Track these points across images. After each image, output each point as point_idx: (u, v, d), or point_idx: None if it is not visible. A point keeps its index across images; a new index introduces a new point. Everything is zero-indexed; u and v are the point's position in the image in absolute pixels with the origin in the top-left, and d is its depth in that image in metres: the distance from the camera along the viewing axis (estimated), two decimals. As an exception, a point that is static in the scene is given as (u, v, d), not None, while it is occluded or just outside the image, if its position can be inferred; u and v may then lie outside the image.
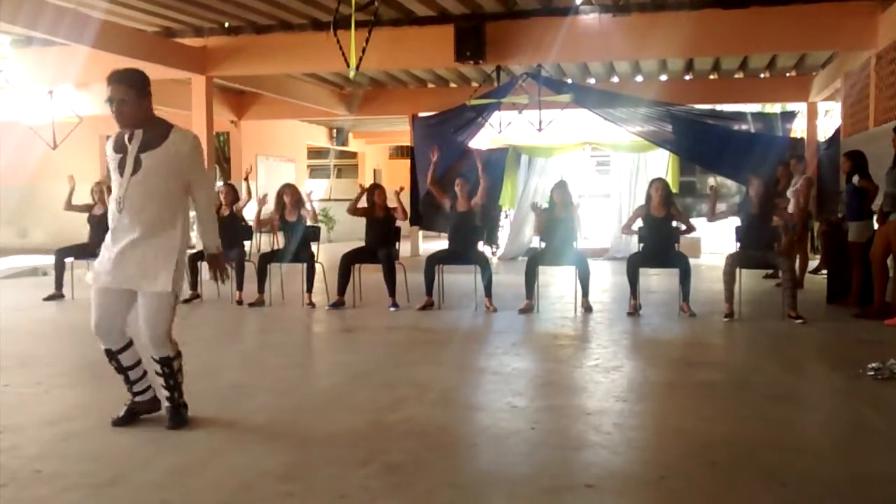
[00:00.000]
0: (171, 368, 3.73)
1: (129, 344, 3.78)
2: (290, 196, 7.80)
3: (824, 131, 13.56)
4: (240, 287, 7.83)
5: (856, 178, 6.97)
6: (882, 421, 3.87)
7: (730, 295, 6.71)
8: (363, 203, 7.83)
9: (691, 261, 7.24)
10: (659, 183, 7.25)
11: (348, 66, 7.73)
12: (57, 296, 8.15)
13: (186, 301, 7.90)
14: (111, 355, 3.75)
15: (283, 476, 3.05)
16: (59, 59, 9.74)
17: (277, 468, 3.13)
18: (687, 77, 12.53)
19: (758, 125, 10.36)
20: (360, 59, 7.62)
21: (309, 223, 7.82)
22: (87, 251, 8.30)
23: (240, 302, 7.75)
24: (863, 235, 6.91)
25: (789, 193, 9.12)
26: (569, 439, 3.56)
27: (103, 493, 2.91)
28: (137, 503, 2.83)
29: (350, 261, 7.56)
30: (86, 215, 8.44)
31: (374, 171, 21.81)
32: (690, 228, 7.27)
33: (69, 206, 8.57)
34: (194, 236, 6.42)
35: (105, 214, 8.11)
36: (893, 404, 4.17)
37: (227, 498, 2.84)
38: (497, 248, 13.20)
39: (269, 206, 7.94)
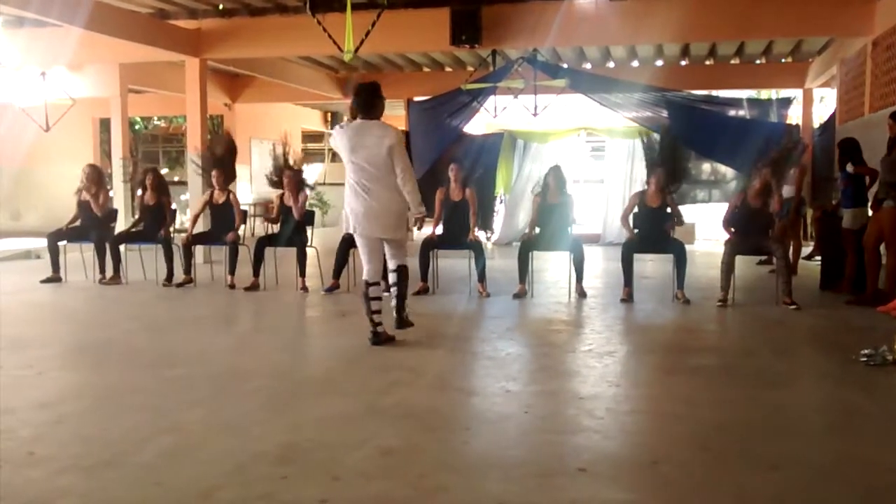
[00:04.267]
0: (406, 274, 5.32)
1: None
2: (290, 180, 7.77)
3: (820, 118, 13.56)
4: (232, 271, 7.81)
5: (848, 166, 6.98)
6: (874, 407, 3.89)
7: (726, 283, 6.71)
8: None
9: (686, 247, 7.24)
10: (658, 171, 7.23)
11: (341, 49, 7.69)
12: (54, 279, 8.13)
13: (179, 285, 7.90)
14: (367, 285, 5.19)
15: (278, 458, 3.06)
16: (51, 40, 9.65)
17: (272, 450, 3.14)
18: (683, 62, 12.51)
19: (754, 111, 10.34)
20: (362, 42, 7.59)
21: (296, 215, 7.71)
22: (78, 234, 8.28)
23: (232, 286, 7.74)
24: (857, 222, 6.93)
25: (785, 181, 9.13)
26: (562, 424, 3.57)
27: (97, 475, 2.91)
28: (131, 485, 2.83)
29: (349, 245, 7.53)
30: (76, 198, 8.37)
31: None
32: (680, 222, 7.23)
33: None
34: None
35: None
36: (885, 390, 4.20)
37: (221, 480, 2.85)
38: (491, 233, 13.20)
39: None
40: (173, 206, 8.51)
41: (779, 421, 3.65)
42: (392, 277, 5.34)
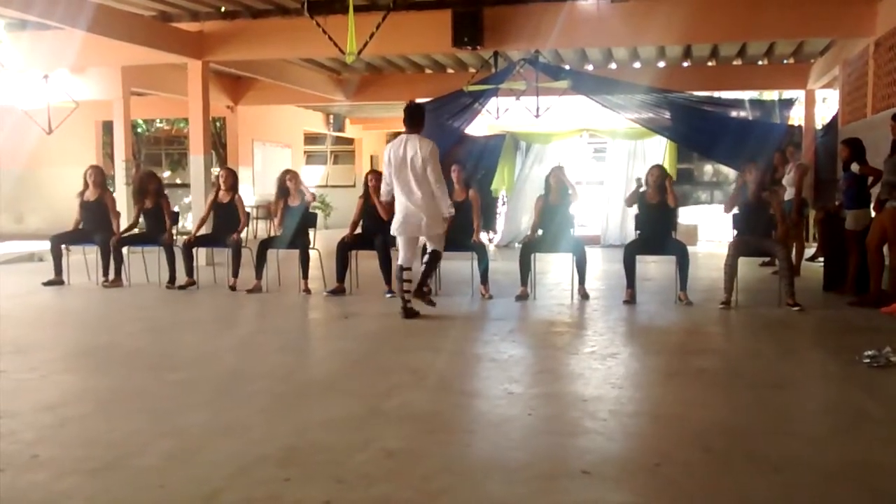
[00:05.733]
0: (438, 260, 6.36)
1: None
2: (293, 181, 7.78)
3: (822, 118, 13.54)
4: (235, 274, 7.82)
5: (854, 166, 6.97)
6: (877, 408, 3.88)
7: (729, 286, 6.70)
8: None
9: (689, 248, 7.23)
10: (655, 169, 7.24)
11: (342, 51, 7.70)
12: (56, 281, 8.14)
13: (182, 287, 7.91)
14: (402, 269, 6.17)
15: (281, 461, 3.06)
16: (54, 43, 9.68)
17: (275, 453, 3.14)
18: (685, 64, 12.50)
19: (756, 112, 10.35)
20: (366, 44, 7.60)
21: (309, 203, 7.81)
22: (81, 236, 8.30)
23: (233, 288, 7.75)
24: (860, 223, 6.91)
25: (785, 181, 9.13)
26: (565, 426, 3.57)
27: (100, 478, 2.91)
28: (134, 488, 2.83)
29: (347, 248, 7.54)
30: (77, 201, 8.37)
31: (371, 157, 21.75)
32: (675, 199, 7.15)
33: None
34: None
35: (95, 200, 8.14)
36: (889, 392, 4.19)
37: (224, 483, 2.85)
38: (494, 234, 13.20)
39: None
40: (175, 208, 8.52)
41: (782, 423, 3.64)
42: (425, 257, 6.37)
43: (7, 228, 14.51)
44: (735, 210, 7.15)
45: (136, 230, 8.52)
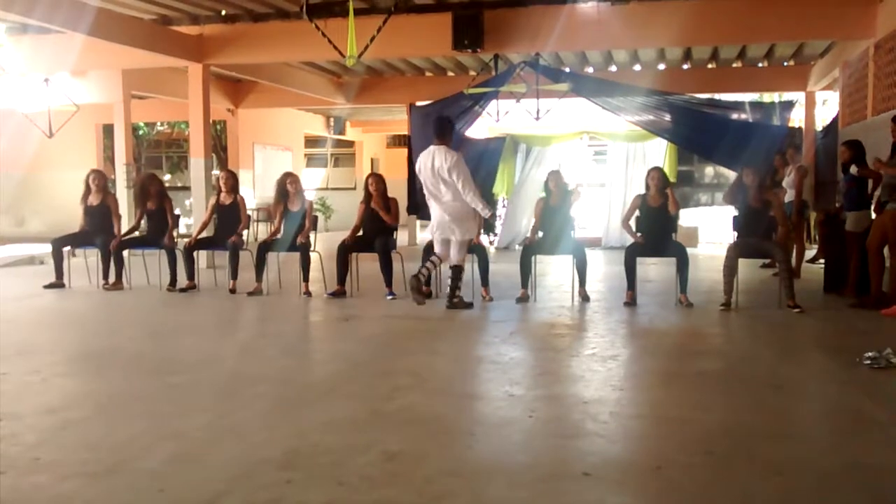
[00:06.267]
0: (459, 274, 6.76)
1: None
2: (293, 185, 7.79)
3: (822, 120, 13.55)
4: (234, 276, 7.82)
5: (853, 168, 6.97)
6: (878, 410, 3.88)
7: (729, 287, 6.70)
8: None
9: (689, 250, 7.24)
10: (655, 172, 7.24)
11: (342, 54, 7.71)
12: (57, 284, 8.15)
13: (183, 290, 7.92)
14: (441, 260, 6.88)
15: (282, 464, 3.06)
16: (55, 46, 9.70)
17: (276, 456, 3.14)
18: (685, 66, 12.51)
19: (756, 114, 10.33)
20: (366, 47, 7.61)
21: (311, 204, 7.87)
22: (83, 239, 8.31)
23: (233, 291, 7.75)
24: (861, 225, 6.91)
25: (785, 183, 9.13)
26: (566, 428, 3.57)
27: (102, 481, 2.91)
28: (136, 491, 2.83)
29: (347, 250, 7.55)
30: (82, 207, 8.38)
31: (372, 160, 21.78)
32: (676, 205, 7.16)
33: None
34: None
35: (98, 205, 8.15)
36: (890, 393, 4.19)
37: (226, 486, 2.85)
38: (494, 237, 13.20)
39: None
40: (176, 210, 8.53)
41: (783, 425, 3.65)
42: (449, 272, 6.93)
43: (8, 232, 14.51)
44: (735, 213, 7.16)
45: (136, 233, 8.52)
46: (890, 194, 6.31)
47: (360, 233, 7.69)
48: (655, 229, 7.17)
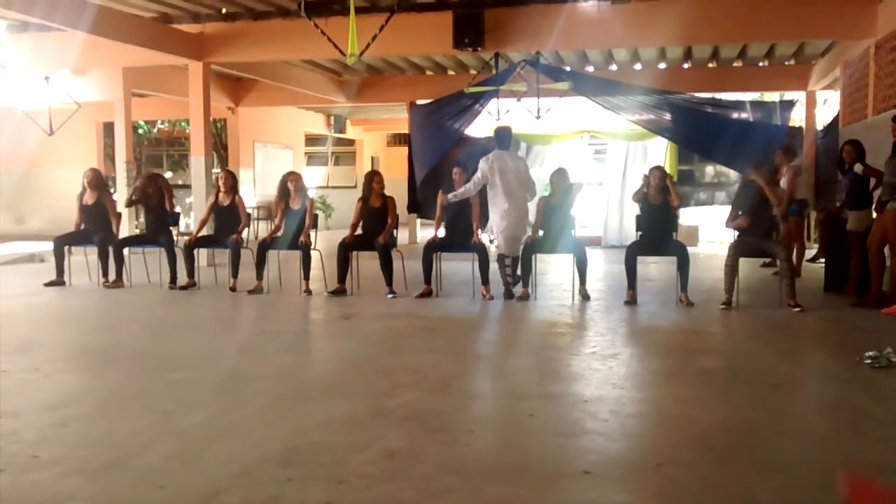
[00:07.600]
0: (517, 263, 7.21)
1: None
2: (294, 184, 7.79)
3: (823, 120, 13.55)
4: (234, 274, 7.82)
5: (857, 167, 6.96)
6: (878, 409, 3.88)
7: (730, 287, 6.70)
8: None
9: (689, 249, 7.23)
10: (656, 171, 7.24)
11: (342, 53, 7.71)
12: (58, 282, 8.15)
13: (183, 288, 7.92)
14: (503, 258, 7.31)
15: (283, 461, 3.06)
16: (55, 44, 9.70)
17: (276, 454, 3.14)
18: (686, 65, 12.51)
19: (756, 114, 10.34)
20: (368, 45, 7.61)
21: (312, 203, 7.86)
22: (84, 237, 8.31)
23: (233, 289, 7.75)
24: (862, 224, 6.91)
25: (783, 183, 9.12)
26: (566, 426, 3.57)
27: (101, 478, 2.91)
28: (136, 489, 2.83)
29: (347, 248, 7.55)
30: (77, 203, 8.38)
31: (372, 158, 21.78)
32: (678, 201, 7.15)
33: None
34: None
35: (94, 203, 8.15)
36: (890, 392, 4.19)
37: (225, 483, 2.85)
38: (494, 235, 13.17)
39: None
40: (177, 208, 8.53)
41: (783, 423, 3.65)
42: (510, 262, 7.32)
43: (8, 229, 14.51)
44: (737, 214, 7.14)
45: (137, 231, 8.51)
46: (891, 193, 6.31)
47: (360, 231, 7.69)
48: (656, 228, 7.18)
